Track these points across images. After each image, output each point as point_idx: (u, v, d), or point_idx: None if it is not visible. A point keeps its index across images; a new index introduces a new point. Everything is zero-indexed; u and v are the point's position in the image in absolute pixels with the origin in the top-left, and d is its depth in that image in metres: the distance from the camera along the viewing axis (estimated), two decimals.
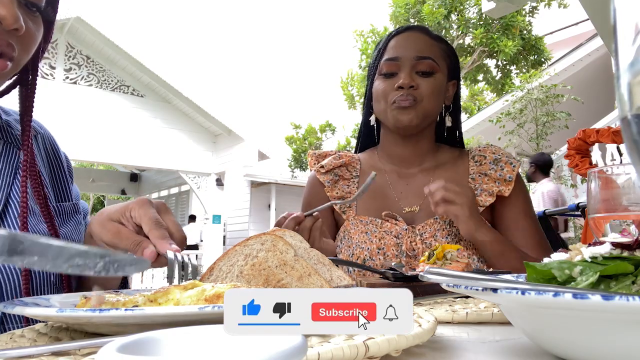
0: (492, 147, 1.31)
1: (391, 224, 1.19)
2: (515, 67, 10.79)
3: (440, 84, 1.22)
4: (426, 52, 1.21)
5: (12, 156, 0.83)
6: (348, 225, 1.23)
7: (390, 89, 1.21)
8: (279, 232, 0.67)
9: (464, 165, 1.28)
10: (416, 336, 0.40)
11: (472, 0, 10.18)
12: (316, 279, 0.59)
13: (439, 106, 1.25)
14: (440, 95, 1.24)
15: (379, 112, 1.26)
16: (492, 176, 1.22)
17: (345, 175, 1.30)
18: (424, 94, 1.19)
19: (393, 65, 1.22)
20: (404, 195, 1.25)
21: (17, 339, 0.48)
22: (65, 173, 0.96)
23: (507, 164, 1.23)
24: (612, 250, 0.42)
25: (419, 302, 0.69)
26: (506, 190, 1.19)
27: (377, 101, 1.24)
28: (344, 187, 1.28)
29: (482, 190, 1.20)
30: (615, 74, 0.26)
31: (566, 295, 0.33)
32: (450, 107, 1.32)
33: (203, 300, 0.45)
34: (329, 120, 11.92)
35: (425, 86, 1.19)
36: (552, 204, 4.94)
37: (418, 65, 1.20)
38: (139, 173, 16.23)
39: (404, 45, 1.23)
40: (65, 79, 10.39)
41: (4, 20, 0.67)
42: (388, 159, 1.32)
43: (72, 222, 0.90)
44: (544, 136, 6.47)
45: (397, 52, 1.23)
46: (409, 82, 1.18)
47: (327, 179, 1.29)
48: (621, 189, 0.64)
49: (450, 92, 1.30)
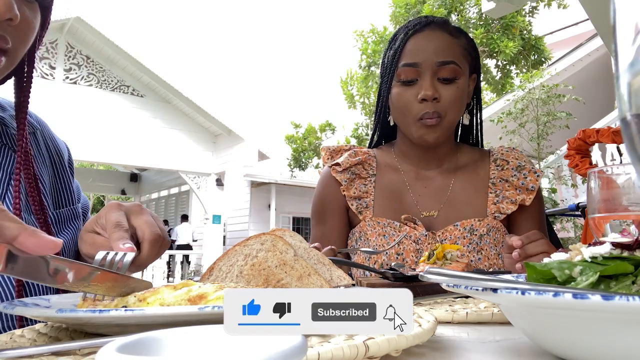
0: (514, 151, 1.27)
1: (410, 228, 1.15)
2: (516, 67, 10.79)
3: (463, 89, 1.17)
4: (448, 55, 1.14)
5: (7, 159, 0.78)
6: (364, 226, 1.19)
7: (412, 99, 1.14)
8: (278, 232, 0.67)
9: (485, 169, 1.24)
10: (416, 336, 0.40)
11: (472, 0, 10.18)
12: (316, 279, 0.59)
13: (462, 111, 1.20)
14: (464, 100, 1.19)
15: (401, 124, 1.21)
16: (513, 183, 1.19)
17: (362, 174, 1.25)
18: (448, 106, 1.13)
19: (413, 72, 1.14)
20: (422, 198, 1.21)
21: (17, 338, 0.48)
22: (66, 169, 0.93)
23: (531, 172, 1.20)
24: (612, 250, 0.42)
25: (419, 302, 0.69)
26: (527, 200, 1.16)
27: (399, 112, 1.18)
28: (360, 186, 1.23)
29: (504, 198, 1.18)
30: (615, 74, 0.26)
31: (566, 295, 0.33)
32: (470, 104, 1.26)
33: (186, 300, 0.45)
34: (328, 120, 11.92)
35: (448, 96, 1.13)
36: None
37: (440, 72, 1.13)
38: (139, 173, 16.23)
39: (424, 48, 1.15)
40: (65, 79, 10.40)
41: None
42: (405, 159, 1.27)
43: (71, 229, 0.86)
44: (544, 136, 6.47)
45: (416, 56, 1.15)
46: (432, 94, 1.11)
47: (343, 177, 1.23)
48: (621, 189, 0.64)
49: (471, 88, 1.24)
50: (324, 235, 1.23)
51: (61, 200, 0.89)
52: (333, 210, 1.25)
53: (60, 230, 0.84)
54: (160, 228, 0.68)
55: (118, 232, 0.62)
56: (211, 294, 0.46)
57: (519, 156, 1.25)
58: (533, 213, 1.19)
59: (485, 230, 1.15)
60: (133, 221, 0.66)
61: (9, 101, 0.87)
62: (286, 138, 11.88)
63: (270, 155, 12.10)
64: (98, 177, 15.78)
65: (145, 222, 0.66)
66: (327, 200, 1.25)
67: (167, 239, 0.70)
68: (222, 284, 0.49)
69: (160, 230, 0.67)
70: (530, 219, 1.19)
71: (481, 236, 1.14)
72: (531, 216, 1.19)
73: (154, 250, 0.65)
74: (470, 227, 1.14)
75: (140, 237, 0.66)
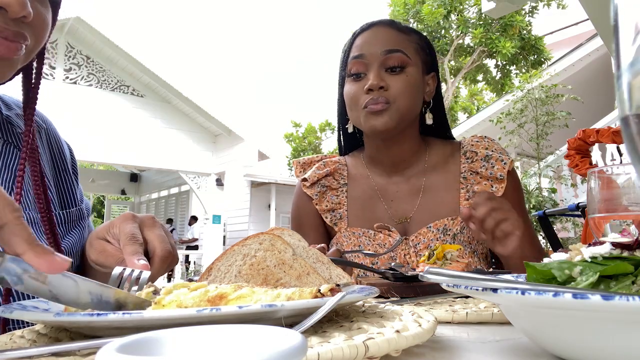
0: (485, 140, 1.22)
1: (384, 236, 1.14)
2: (515, 67, 10.80)
3: (414, 79, 1.13)
4: (394, 44, 1.12)
5: (12, 158, 0.77)
6: (340, 238, 1.18)
7: (360, 92, 1.12)
8: (277, 231, 0.67)
9: (456, 163, 1.20)
10: (416, 336, 0.40)
11: (472, 0, 10.18)
12: (315, 278, 0.59)
13: (416, 104, 1.16)
14: (416, 91, 1.15)
15: (353, 119, 1.18)
16: (483, 175, 1.15)
17: (332, 185, 1.23)
18: (397, 94, 1.10)
19: (360, 64, 1.13)
20: (395, 204, 1.19)
21: (16, 339, 0.48)
22: (69, 170, 0.91)
23: (498, 161, 1.15)
24: (612, 250, 0.42)
25: (419, 302, 0.69)
26: (500, 189, 1.12)
27: (350, 107, 1.16)
28: (332, 197, 1.22)
29: (475, 192, 1.13)
30: (615, 74, 0.26)
31: (566, 295, 0.33)
32: (430, 103, 1.22)
33: (206, 301, 0.45)
34: (328, 119, 11.92)
35: (396, 85, 1.10)
36: None
37: (387, 61, 1.11)
38: (139, 173, 16.23)
39: (370, 41, 1.15)
40: (65, 79, 10.40)
41: (9, 7, 0.61)
42: (374, 165, 1.24)
43: (77, 230, 0.86)
44: (544, 136, 6.47)
45: (362, 49, 1.14)
46: (378, 83, 1.09)
47: (314, 192, 1.22)
48: (621, 189, 0.64)
49: (431, 87, 1.21)
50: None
51: (65, 200, 0.88)
52: (310, 225, 1.24)
53: (67, 230, 0.84)
54: (171, 244, 0.68)
55: (132, 245, 0.62)
56: (231, 293, 0.45)
57: (489, 145, 1.20)
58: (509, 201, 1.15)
59: (459, 228, 1.12)
60: (145, 234, 0.66)
61: (15, 100, 0.86)
62: (285, 136, 11.88)
63: (270, 155, 12.10)
64: (98, 177, 15.77)
65: (158, 237, 0.66)
66: (303, 214, 1.25)
67: (177, 255, 0.70)
68: (239, 284, 0.49)
69: (171, 247, 0.67)
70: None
71: (454, 235, 1.12)
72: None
73: (164, 266, 0.65)
74: (444, 227, 1.12)
75: (151, 252, 0.66)
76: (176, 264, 0.71)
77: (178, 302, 0.45)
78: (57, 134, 0.93)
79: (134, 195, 16.59)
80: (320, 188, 1.23)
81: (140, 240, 0.64)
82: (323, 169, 1.25)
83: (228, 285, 0.47)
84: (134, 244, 0.63)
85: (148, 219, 0.69)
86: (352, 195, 1.23)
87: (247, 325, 0.28)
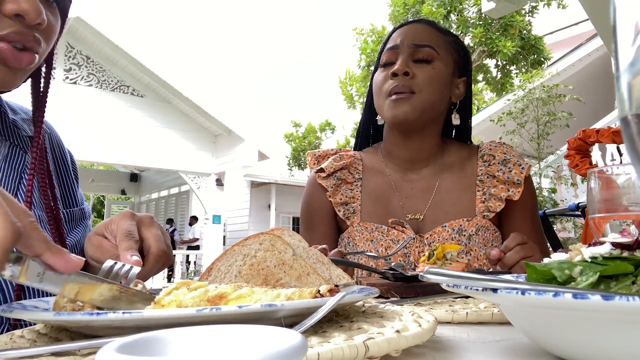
0: (503, 146, 1.24)
1: (398, 232, 1.14)
2: (515, 67, 10.79)
3: (440, 73, 1.15)
4: (425, 40, 1.17)
5: (18, 160, 0.79)
6: (352, 232, 1.18)
7: (386, 78, 1.16)
8: (277, 231, 0.67)
9: (472, 166, 1.21)
10: (416, 336, 0.40)
11: (472, 0, 10.18)
12: (315, 278, 0.59)
13: (440, 99, 1.17)
14: (442, 87, 1.16)
15: (378, 108, 1.20)
16: (500, 178, 1.16)
17: (347, 179, 1.24)
18: (422, 84, 1.12)
19: (391, 54, 1.18)
20: (409, 201, 1.19)
21: (16, 339, 0.48)
22: (71, 176, 0.94)
23: (516, 165, 1.17)
24: (612, 250, 0.42)
25: (419, 302, 0.69)
26: (516, 194, 1.14)
27: (376, 94, 1.19)
28: (347, 191, 1.22)
29: (491, 195, 1.15)
30: (615, 74, 0.26)
31: (566, 295, 0.33)
32: (457, 104, 1.24)
33: (205, 301, 0.45)
34: (328, 119, 11.92)
35: (421, 74, 1.13)
36: None
37: (416, 54, 1.15)
38: (139, 173, 16.22)
39: (405, 34, 1.19)
40: (65, 79, 10.39)
41: (27, 15, 0.64)
42: (391, 160, 1.25)
43: (81, 229, 0.87)
44: (545, 136, 6.47)
45: (396, 41, 1.19)
46: (403, 68, 1.12)
47: (329, 183, 1.22)
48: (621, 189, 0.64)
49: (460, 90, 1.23)
50: (313, 241, 1.22)
51: (68, 200, 0.91)
52: (321, 217, 1.24)
53: (71, 228, 0.86)
54: (166, 244, 0.68)
55: (128, 241, 0.63)
56: (231, 293, 0.45)
57: (507, 150, 1.22)
58: (524, 206, 1.16)
59: (474, 230, 1.13)
60: (142, 232, 0.67)
61: (20, 105, 0.89)
62: (285, 136, 11.88)
63: (270, 155, 12.08)
64: (98, 177, 15.76)
65: (154, 236, 0.67)
66: (315, 206, 1.24)
67: (172, 255, 0.70)
68: (239, 283, 0.49)
69: (166, 247, 0.68)
70: (521, 212, 1.16)
71: (470, 236, 1.12)
72: (521, 211, 1.16)
73: (158, 265, 0.66)
74: (459, 228, 1.13)
75: (146, 250, 0.66)
76: (170, 264, 0.71)
77: (178, 301, 0.45)
78: (60, 140, 0.96)
79: (134, 195, 16.58)
80: (336, 180, 1.23)
81: (136, 237, 0.65)
82: (339, 161, 1.26)
83: (228, 285, 0.47)
84: (129, 240, 0.63)
85: (146, 218, 0.70)
86: (366, 190, 1.23)
87: (247, 325, 0.28)
